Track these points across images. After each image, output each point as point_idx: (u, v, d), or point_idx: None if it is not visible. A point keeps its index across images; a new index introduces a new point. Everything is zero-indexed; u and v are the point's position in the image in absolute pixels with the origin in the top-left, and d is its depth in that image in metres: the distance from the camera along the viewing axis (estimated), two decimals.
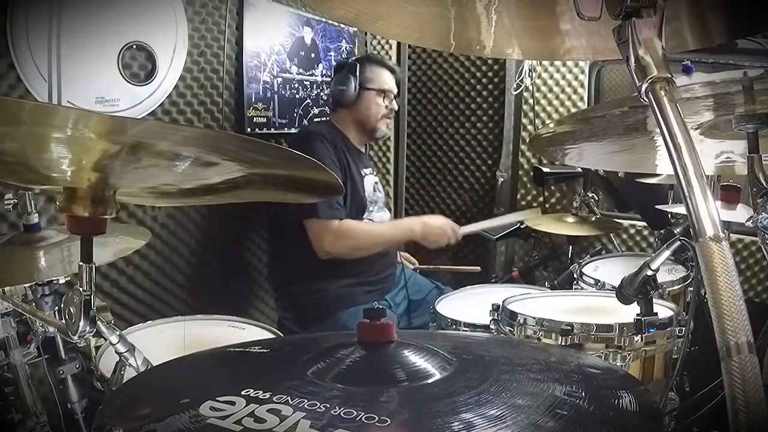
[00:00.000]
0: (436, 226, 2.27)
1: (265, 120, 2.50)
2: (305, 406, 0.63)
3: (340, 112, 2.36)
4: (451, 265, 2.87)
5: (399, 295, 2.37)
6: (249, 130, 2.43)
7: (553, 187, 2.98)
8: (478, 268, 2.59)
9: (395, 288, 2.38)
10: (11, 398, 1.49)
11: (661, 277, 1.59)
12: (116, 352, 1.10)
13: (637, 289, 1.34)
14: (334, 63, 2.81)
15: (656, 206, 2.09)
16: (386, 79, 2.35)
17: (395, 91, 2.39)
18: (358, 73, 2.29)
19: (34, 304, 1.46)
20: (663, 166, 1.34)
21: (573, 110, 2.86)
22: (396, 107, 2.42)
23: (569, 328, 1.35)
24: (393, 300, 2.33)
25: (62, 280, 1.46)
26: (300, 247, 2.15)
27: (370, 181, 2.35)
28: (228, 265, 2.49)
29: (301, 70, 2.66)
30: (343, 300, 2.17)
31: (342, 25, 2.87)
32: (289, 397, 0.65)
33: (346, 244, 2.13)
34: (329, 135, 2.22)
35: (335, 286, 2.18)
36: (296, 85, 2.65)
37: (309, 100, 2.73)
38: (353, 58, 2.48)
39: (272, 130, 2.55)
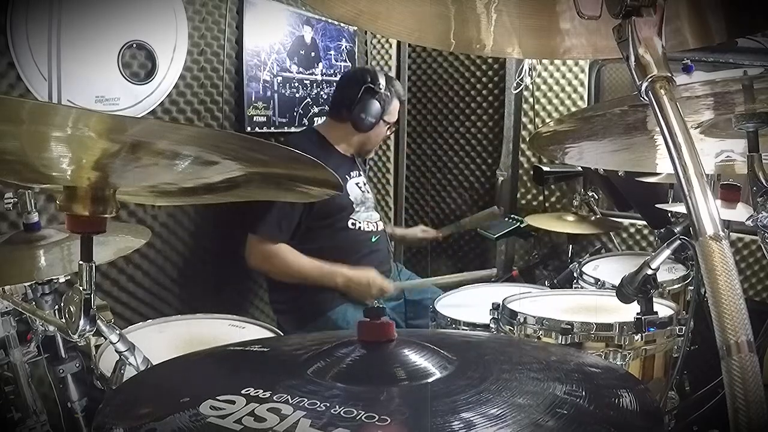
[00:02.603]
0: (361, 281, 2.19)
1: (265, 119, 2.50)
2: (305, 405, 0.63)
3: (341, 127, 2.32)
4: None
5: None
6: (249, 129, 2.43)
7: (553, 186, 2.98)
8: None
9: None
10: (11, 397, 1.49)
11: (661, 276, 1.59)
12: (116, 350, 1.10)
13: (637, 288, 1.34)
14: (334, 62, 2.81)
15: (656, 205, 2.09)
16: (396, 111, 2.38)
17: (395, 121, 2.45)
18: (385, 106, 2.28)
19: (34, 303, 1.46)
20: (663, 165, 1.34)
21: (573, 109, 2.86)
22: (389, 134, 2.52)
23: (569, 327, 1.35)
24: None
25: (62, 279, 1.46)
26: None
27: (354, 183, 2.35)
28: (228, 264, 2.49)
29: (301, 69, 2.66)
30: (332, 299, 2.20)
31: (342, 24, 2.87)
32: (289, 396, 0.65)
33: (268, 267, 2.23)
34: (307, 144, 2.24)
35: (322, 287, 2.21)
36: (296, 84, 2.65)
37: (309, 99, 2.73)
38: (383, 88, 2.27)
39: (272, 129, 2.55)
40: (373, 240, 2.37)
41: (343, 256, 2.24)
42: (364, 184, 2.41)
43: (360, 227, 2.32)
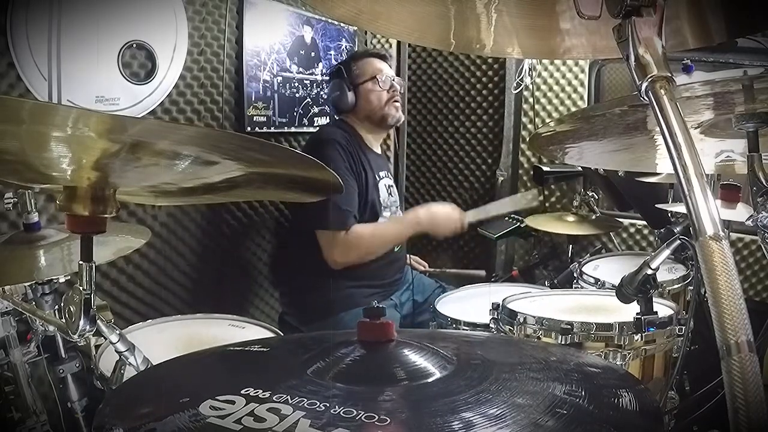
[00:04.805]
0: (442, 213, 2.24)
1: (265, 119, 2.50)
2: (305, 405, 0.63)
3: (348, 116, 2.34)
4: (456, 269, 2.87)
5: (405, 294, 2.36)
6: (249, 129, 2.43)
7: (553, 186, 2.98)
8: (483, 272, 2.58)
9: (401, 288, 2.37)
10: (11, 397, 1.49)
11: (661, 276, 1.59)
12: (116, 351, 1.10)
13: (637, 288, 1.34)
14: (334, 62, 2.81)
15: (656, 205, 2.08)
16: (375, 66, 2.32)
17: (390, 74, 2.35)
18: (345, 75, 2.28)
19: (34, 303, 1.46)
20: (663, 165, 1.34)
21: (573, 109, 2.86)
22: (399, 88, 2.36)
23: (569, 327, 1.35)
24: (399, 299, 2.33)
25: (62, 279, 1.46)
26: (313, 246, 2.15)
27: (384, 184, 2.32)
28: (228, 264, 2.49)
29: (301, 69, 2.66)
30: (347, 300, 2.17)
31: (342, 24, 2.87)
32: (288, 396, 0.65)
33: (355, 254, 2.12)
34: (344, 139, 2.18)
35: (341, 286, 2.18)
36: (296, 84, 2.65)
37: (309, 99, 2.73)
38: (336, 64, 2.45)
39: (272, 129, 2.55)
40: (396, 250, 2.32)
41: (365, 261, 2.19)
42: (391, 187, 2.37)
43: None
